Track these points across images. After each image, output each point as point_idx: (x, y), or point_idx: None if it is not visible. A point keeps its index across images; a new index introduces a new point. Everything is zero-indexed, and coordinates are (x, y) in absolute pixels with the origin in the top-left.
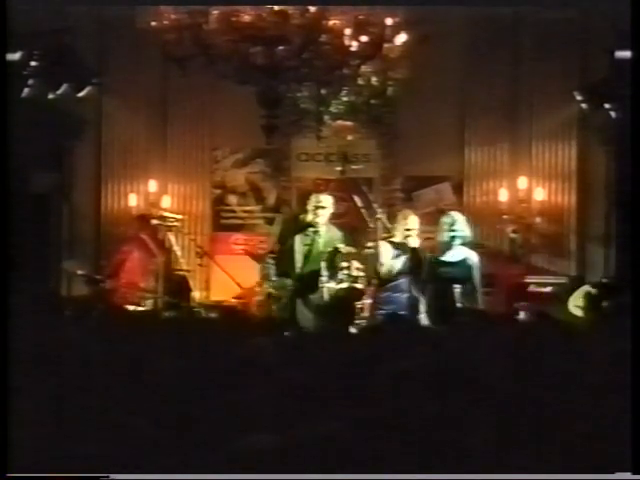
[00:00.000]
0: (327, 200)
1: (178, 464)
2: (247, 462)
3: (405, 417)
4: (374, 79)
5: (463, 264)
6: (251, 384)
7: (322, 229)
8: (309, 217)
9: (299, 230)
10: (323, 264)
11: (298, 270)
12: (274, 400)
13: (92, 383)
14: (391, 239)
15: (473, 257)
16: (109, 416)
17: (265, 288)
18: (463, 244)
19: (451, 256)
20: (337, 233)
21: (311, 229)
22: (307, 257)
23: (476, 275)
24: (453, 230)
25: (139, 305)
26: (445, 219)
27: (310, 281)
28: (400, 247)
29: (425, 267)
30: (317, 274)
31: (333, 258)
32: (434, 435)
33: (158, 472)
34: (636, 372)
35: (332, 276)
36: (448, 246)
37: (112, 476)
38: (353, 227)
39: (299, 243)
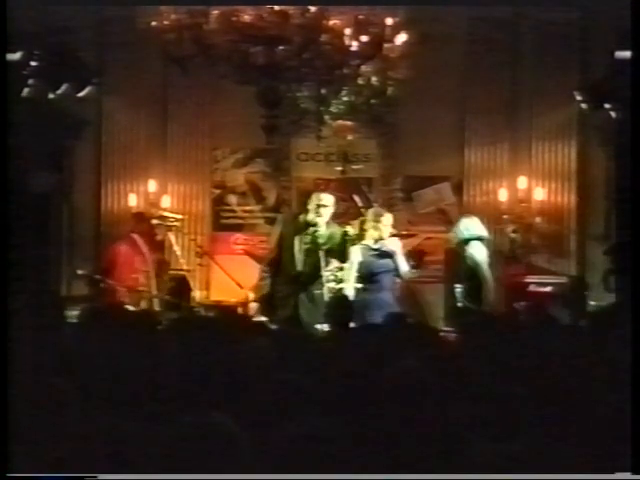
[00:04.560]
0: (328, 199)
1: (179, 464)
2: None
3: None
4: (374, 79)
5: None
6: (250, 384)
7: (323, 228)
8: (310, 216)
9: (300, 229)
10: (324, 263)
11: (299, 269)
12: (272, 399)
13: (92, 383)
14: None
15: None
16: (109, 417)
17: (266, 288)
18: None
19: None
20: (339, 231)
21: (312, 228)
22: (308, 256)
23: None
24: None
25: (135, 305)
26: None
27: (311, 280)
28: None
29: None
30: (318, 273)
31: (335, 257)
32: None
33: (157, 472)
34: (636, 372)
35: (333, 275)
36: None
37: (112, 476)
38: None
39: (300, 242)
